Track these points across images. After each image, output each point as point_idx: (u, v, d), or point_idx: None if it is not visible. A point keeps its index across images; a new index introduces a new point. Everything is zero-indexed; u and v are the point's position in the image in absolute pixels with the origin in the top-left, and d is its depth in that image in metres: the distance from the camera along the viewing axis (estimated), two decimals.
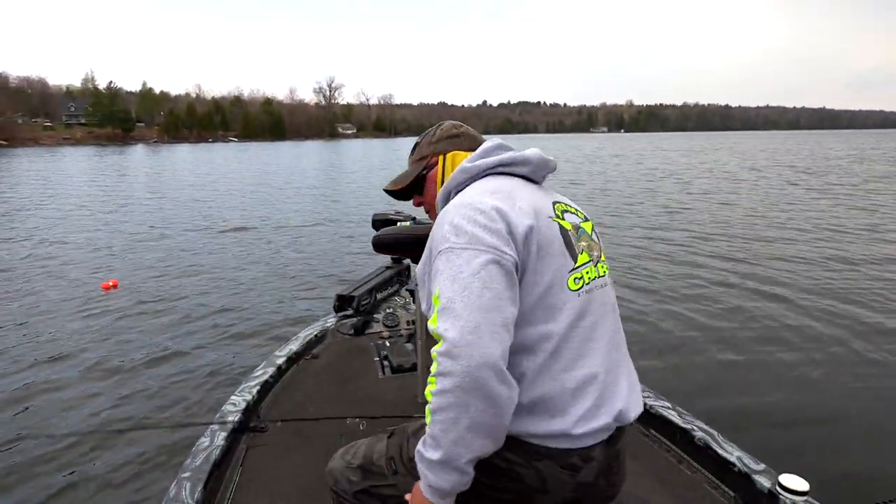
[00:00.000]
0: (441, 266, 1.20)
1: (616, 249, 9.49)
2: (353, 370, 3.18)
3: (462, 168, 1.42)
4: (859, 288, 7.10)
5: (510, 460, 1.23)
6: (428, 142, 1.60)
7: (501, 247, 1.20)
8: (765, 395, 4.33)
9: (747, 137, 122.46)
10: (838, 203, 15.00)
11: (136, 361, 5.08)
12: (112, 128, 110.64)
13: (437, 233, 1.28)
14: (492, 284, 1.15)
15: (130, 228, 12.38)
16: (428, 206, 1.61)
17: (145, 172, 31.11)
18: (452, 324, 1.11)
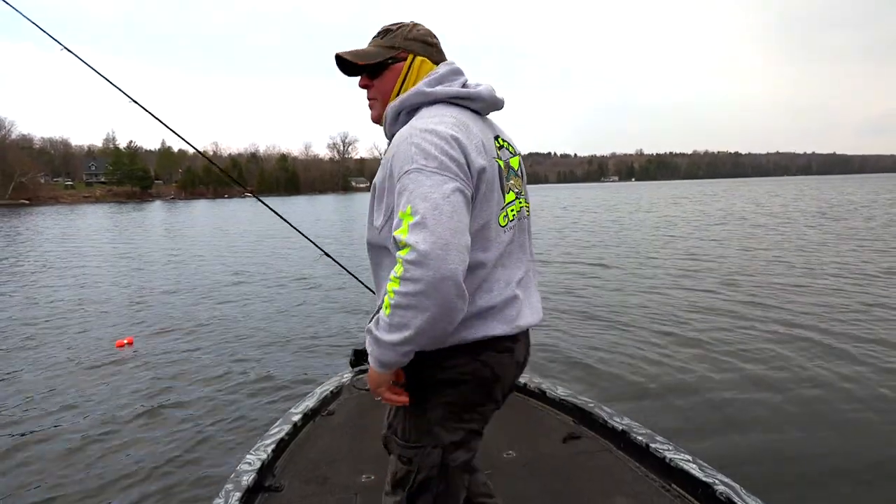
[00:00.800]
0: (411, 185, 1.33)
1: (646, 297, 9.34)
2: (368, 426, 3.14)
3: (420, 91, 1.51)
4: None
5: (459, 365, 1.49)
6: (403, 35, 1.60)
7: (465, 179, 1.39)
8: (791, 448, 4.13)
9: (759, 183, 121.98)
10: (863, 247, 14.77)
11: (148, 419, 4.98)
12: (131, 185, 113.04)
13: (401, 150, 1.39)
14: (459, 210, 1.33)
15: (146, 284, 12.39)
16: (377, 94, 1.62)
17: (161, 228, 31.40)
18: (424, 237, 1.26)
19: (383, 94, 1.61)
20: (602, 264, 13.31)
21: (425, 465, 1.54)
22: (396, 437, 1.59)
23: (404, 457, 1.57)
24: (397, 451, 1.59)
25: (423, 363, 1.47)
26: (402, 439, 1.57)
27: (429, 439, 1.54)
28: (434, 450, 1.54)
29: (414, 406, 1.53)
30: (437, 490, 1.57)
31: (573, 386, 4.98)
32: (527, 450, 2.84)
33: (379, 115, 1.64)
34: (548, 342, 6.72)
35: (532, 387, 3.47)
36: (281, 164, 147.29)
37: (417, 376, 1.52)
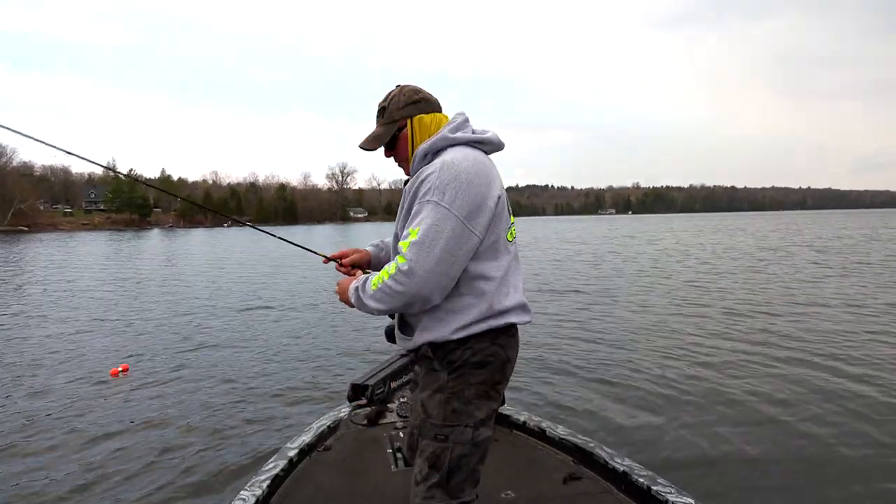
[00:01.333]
0: (424, 212, 1.74)
1: (648, 331, 9.33)
2: (365, 463, 3.12)
3: (444, 137, 1.89)
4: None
5: (484, 349, 1.85)
6: (396, 107, 1.97)
7: (477, 221, 1.78)
8: (796, 494, 4.06)
9: (756, 218, 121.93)
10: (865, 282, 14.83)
11: (137, 452, 4.84)
12: (130, 213, 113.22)
13: (429, 180, 1.78)
14: (457, 248, 1.74)
15: (142, 312, 12.27)
16: (400, 160, 2.03)
17: (160, 256, 31.23)
18: (418, 260, 1.70)
19: (404, 158, 2.01)
20: (603, 297, 13.22)
21: (460, 441, 1.81)
22: (432, 420, 1.84)
23: (441, 435, 1.81)
24: (434, 432, 1.82)
25: (458, 349, 1.84)
26: (440, 419, 1.82)
27: (464, 418, 1.82)
28: (467, 428, 1.82)
29: (452, 388, 1.83)
30: (468, 468, 1.83)
31: (573, 424, 4.92)
32: (526, 490, 2.81)
33: (409, 169, 1.99)
34: (547, 377, 6.72)
35: (531, 425, 3.42)
36: (279, 194, 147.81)
37: (452, 362, 1.85)
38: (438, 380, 1.86)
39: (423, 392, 1.90)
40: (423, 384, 1.93)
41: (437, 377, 1.87)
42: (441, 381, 1.85)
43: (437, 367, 1.88)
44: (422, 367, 1.98)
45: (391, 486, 2.86)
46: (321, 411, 4.17)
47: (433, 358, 1.88)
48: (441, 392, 1.84)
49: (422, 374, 1.97)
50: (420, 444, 1.87)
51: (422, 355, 1.92)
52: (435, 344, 1.86)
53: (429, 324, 1.86)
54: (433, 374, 1.89)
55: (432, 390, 1.86)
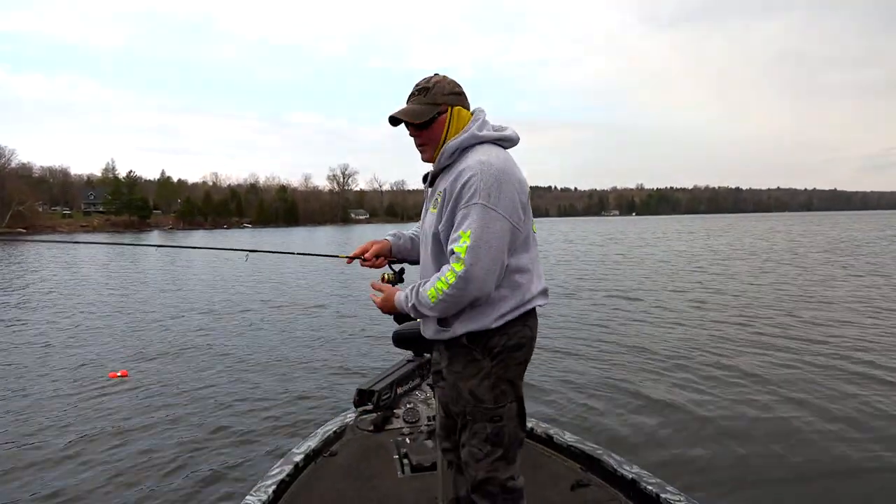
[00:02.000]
0: (475, 215, 1.84)
1: (658, 336, 8.89)
2: (371, 468, 3.08)
3: (473, 135, 1.99)
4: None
5: (519, 332, 2.00)
6: (442, 91, 2.03)
7: (518, 217, 1.93)
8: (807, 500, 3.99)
9: (764, 219, 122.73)
10: None
11: (141, 456, 4.80)
12: (129, 215, 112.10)
13: (472, 183, 1.87)
14: (504, 245, 1.88)
15: (144, 316, 12.03)
16: (427, 141, 2.06)
17: (160, 259, 30.67)
18: (476, 261, 1.82)
19: (434, 141, 2.05)
20: (611, 300, 13.03)
21: (510, 416, 2.01)
22: (485, 405, 1.98)
23: (496, 416, 1.98)
24: (489, 415, 1.98)
25: (496, 336, 1.97)
26: (492, 403, 1.98)
27: (509, 396, 2.01)
28: (512, 404, 2.02)
29: (497, 372, 1.98)
30: (518, 436, 2.05)
31: (581, 430, 4.87)
32: (533, 498, 2.59)
33: (431, 156, 2.07)
34: (555, 384, 6.58)
35: (539, 432, 3.39)
36: (280, 195, 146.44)
37: (492, 349, 1.98)
38: (483, 367, 1.98)
39: (469, 381, 1.99)
40: (464, 373, 2.01)
41: (479, 365, 1.98)
42: (486, 367, 1.98)
43: (477, 355, 1.99)
44: (455, 356, 2.03)
45: (397, 492, 2.85)
46: (327, 416, 4.17)
47: (472, 347, 1.99)
48: (488, 378, 1.98)
49: (458, 364, 2.03)
50: (473, 427, 2.00)
51: (457, 345, 2.01)
52: (473, 333, 1.96)
53: (469, 315, 1.95)
54: (475, 362, 1.99)
55: (480, 378, 1.98)
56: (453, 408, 2.09)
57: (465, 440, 2.05)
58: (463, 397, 2.02)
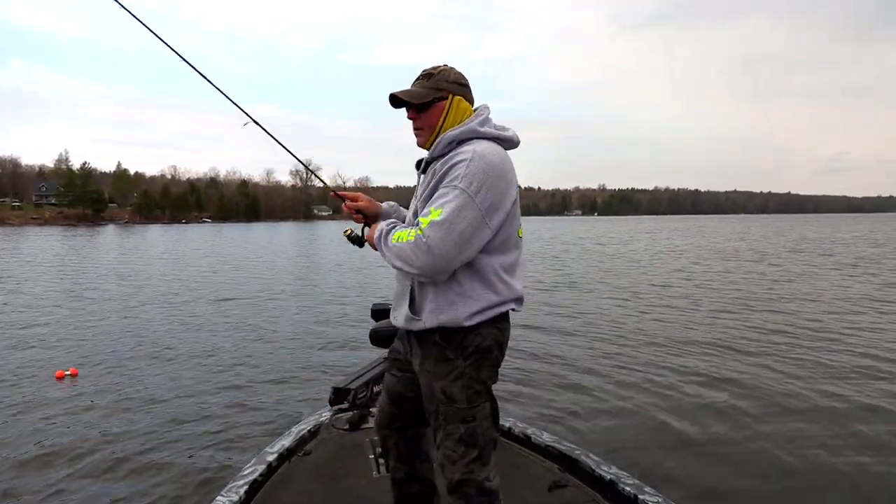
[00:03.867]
0: (451, 195, 1.80)
1: (637, 336, 8.67)
2: (346, 468, 3.03)
3: (473, 129, 1.95)
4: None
5: (491, 334, 1.96)
6: (445, 79, 2.00)
7: (494, 216, 1.85)
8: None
9: (724, 221, 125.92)
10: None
11: (98, 459, 4.51)
12: (83, 208, 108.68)
13: (460, 167, 1.84)
14: (471, 237, 1.81)
15: (96, 311, 11.29)
16: (424, 125, 2.02)
17: (114, 254, 29.56)
18: (436, 239, 1.77)
19: (430, 126, 2.01)
20: (587, 301, 12.78)
21: (483, 417, 1.96)
22: (458, 405, 1.94)
23: (469, 416, 1.94)
24: (462, 415, 1.94)
25: (470, 335, 1.94)
26: (465, 403, 1.94)
27: (483, 396, 1.97)
28: (485, 404, 1.98)
29: (470, 373, 1.94)
30: (492, 436, 2.00)
31: (558, 429, 4.88)
32: (511, 498, 2.60)
33: (425, 141, 2.04)
34: (534, 383, 6.50)
35: (517, 432, 3.35)
36: (241, 190, 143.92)
37: (465, 348, 1.94)
38: (456, 367, 1.94)
39: (442, 380, 1.95)
40: (437, 372, 1.96)
41: (453, 364, 1.94)
42: (459, 367, 1.93)
43: (450, 354, 1.94)
44: (429, 355, 1.99)
45: (373, 491, 2.81)
46: (301, 415, 4.02)
47: (445, 346, 1.94)
48: (461, 378, 1.93)
49: (430, 362, 1.99)
50: (447, 429, 1.95)
51: (430, 343, 1.97)
52: (447, 330, 1.93)
53: (440, 306, 1.91)
54: (448, 361, 1.94)
55: (452, 377, 1.94)
56: (427, 406, 2.04)
57: (439, 442, 2.00)
58: (436, 397, 1.97)
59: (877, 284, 14.80)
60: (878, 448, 4.67)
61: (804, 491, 4.05)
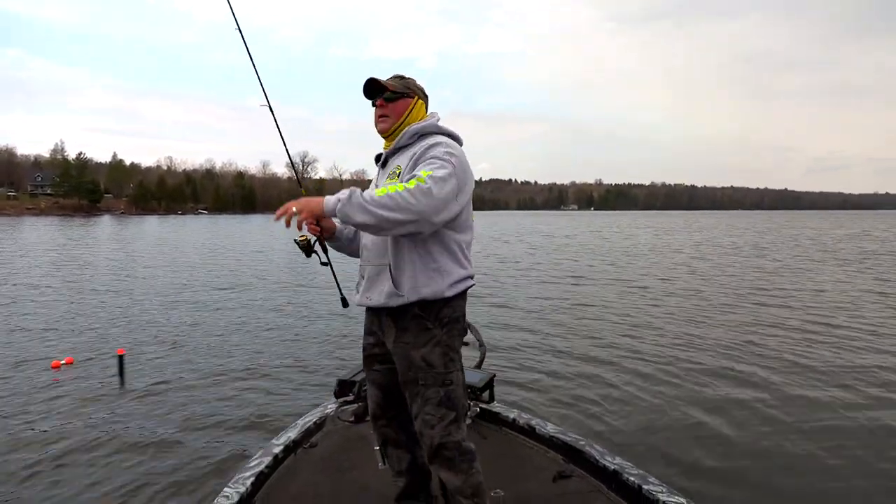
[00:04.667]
0: (443, 163, 2.01)
1: (639, 328, 8.45)
2: (352, 460, 3.06)
3: (435, 125, 2.24)
4: None
5: (458, 306, 2.21)
6: (415, 84, 2.32)
7: (460, 193, 2.05)
8: (785, 493, 3.98)
9: (722, 217, 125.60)
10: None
11: (101, 448, 4.56)
12: (79, 198, 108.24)
13: (440, 147, 2.09)
14: (451, 200, 2.00)
15: (94, 301, 11.33)
16: (390, 113, 2.24)
17: (111, 244, 29.56)
18: (437, 187, 1.94)
19: (396, 115, 2.25)
20: (591, 295, 12.75)
21: (457, 382, 2.18)
22: (436, 370, 2.13)
23: (447, 380, 2.14)
24: (441, 379, 2.13)
25: (445, 307, 2.15)
26: (443, 368, 2.14)
27: (456, 363, 2.20)
28: (458, 371, 2.20)
29: (446, 341, 2.16)
30: (465, 400, 2.23)
31: (563, 421, 4.89)
32: (516, 488, 2.75)
33: (388, 128, 2.26)
34: (535, 375, 6.53)
35: (521, 423, 3.36)
36: (237, 182, 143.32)
37: (441, 319, 2.15)
38: (434, 335, 2.14)
39: (421, 348, 2.13)
40: (416, 342, 2.13)
41: (431, 333, 2.14)
42: (437, 336, 2.14)
43: (430, 324, 2.14)
44: (406, 328, 2.15)
45: (378, 483, 2.79)
46: (307, 408, 4.12)
47: (425, 317, 2.13)
48: (439, 346, 2.14)
49: (410, 334, 2.15)
50: (426, 394, 2.13)
51: (408, 316, 2.14)
52: (425, 303, 2.12)
53: (421, 281, 2.11)
54: (427, 331, 2.14)
55: (431, 345, 2.13)
56: (404, 377, 2.18)
57: (416, 410, 2.16)
58: (415, 364, 2.13)
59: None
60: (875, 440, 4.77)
61: (810, 483, 4.10)
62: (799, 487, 4.04)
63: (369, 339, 2.36)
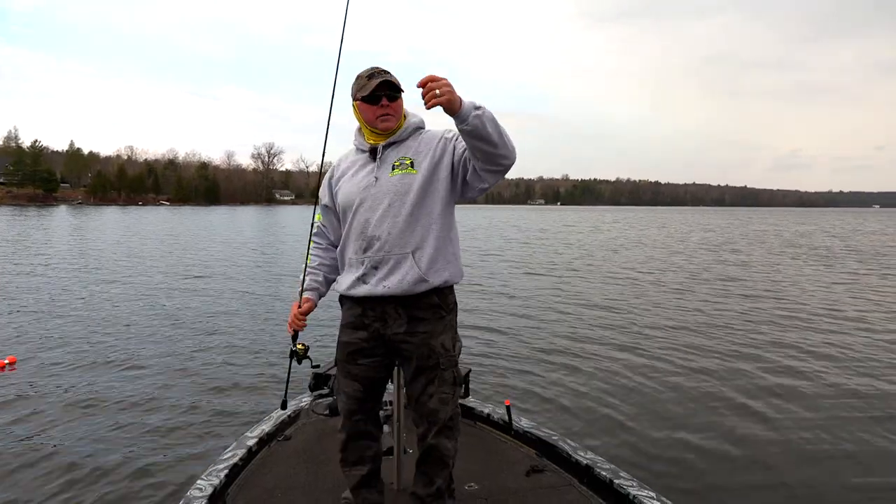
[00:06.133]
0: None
1: (611, 324, 8.58)
2: (326, 453, 3.04)
3: (422, 120, 2.38)
4: None
5: (455, 292, 2.37)
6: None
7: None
8: (754, 488, 4.03)
9: (685, 213, 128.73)
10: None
11: (70, 450, 4.38)
12: (33, 188, 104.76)
13: (441, 133, 2.31)
14: None
15: (41, 297, 10.87)
16: (394, 112, 2.26)
17: (67, 235, 28.72)
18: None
19: (398, 114, 2.29)
20: (568, 289, 12.90)
21: (459, 362, 2.40)
22: (451, 354, 2.30)
23: (456, 360, 2.33)
24: (453, 361, 2.31)
25: (451, 293, 2.33)
26: (454, 350, 2.32)
27: (459, 344, 2.39)
28: (460, 352, 2.40)
29: (454, 325, 2.35)
30: None
31: (536, 417, 4.89)
32: (489, 483, 2.80)
33: (391, 127, 2.28)
34: (510, 370, 6.54)
35: (495, 418, 3.40)
36: (201, 173, 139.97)
37: (449, 305, 2.32)
38: (447, 322, 2.30)
39: (441, 336, 2.26)
40: (434, 330, 2.25)
41: (445, 320, 2.29)
42: (448, 321, 2.31)
43: (443, 312, 2.29)
44: (421, 318, 2.24)
45: None
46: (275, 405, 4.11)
47: (440, 305, 2.27)
48: (451, 330, 2.32)
49: (428, 324, 2.24)
50: (443, 375, 2.27)
51: (424, 307, 2.24)
52: (440, 290, 2.25)
53: (443, 266, 2.25)
54: (442, 319, 2.28)
55: (447, 332, 2.29)
56: (423, 364, 2.25)
57: (433, 391, 2.26)
58: (436, 351, 2.25)
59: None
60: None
61: (785, 479, 4.15)
62: (768, 480, 4.14)
63: (360, 333, 2.30)
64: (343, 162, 2.41)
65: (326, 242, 2.48)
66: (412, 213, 2.20)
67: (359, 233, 2.26)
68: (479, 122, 1.92)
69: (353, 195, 2.27)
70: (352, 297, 2.30)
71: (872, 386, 6.00)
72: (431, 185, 2.23)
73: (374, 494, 2.48)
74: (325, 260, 2.47)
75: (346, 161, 2.40)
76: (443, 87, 1.86)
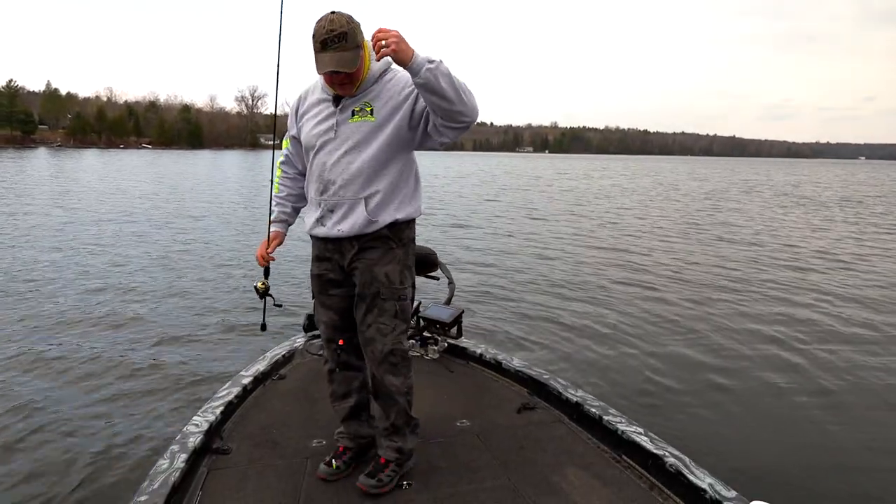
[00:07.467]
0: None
1: (605, 268, 8.61)
2: (320, 391, 3.00)
3: (388, 60, 2.16)
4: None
5: (413, 228, 2.41)
6: (357, 31, 2.08)
7: None
8: (738, 423, 4.18)
9: (673, 162, 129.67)
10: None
11: (80, 374, 4.61)
12: (10, 129, 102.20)
13: (409, 79, 2.06)
14: None
15: (32, 241, 10.58)
16: (353, 80, 2.16)
17: (47, 178, 27.95)
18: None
19: (357, 78, 2.18)
20: (560, 235, 12.72)
21: (409, 298, 2.40)
22: (395, 286, 2.30)
23: (402, 295, 2.34)
24: (398, 294, 2.31)
25: (407, 229, 2.34)
26: (399, 284, 2.32)
27: (409, 280, 2.38)
28: (410, 287, 2.41)
29: (403, 259, 2.34)
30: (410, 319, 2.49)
31: (528, 356, 4.92)
32: (480, 420, 2.86)
33: (351, 90, 2.21)
34: (500, 311, 6.59)
35: (487, 357, 3.46)
36: (183, 116, 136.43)
37: (402, 239, 2.33)
38: (396, 255, 2.31)
39: (385, 266, 2.29)
40: (381, 260, 2.28)
41: (394, 253, 2.31)
42: (398, 255, 2.32)
43: (393, 245, 2.31)
44: (370, 247, 2.28)
45: None
46: (276, 341, 4.02)
47: (389, 238, 2.29)
48: (398, 263, 2.32)
49: (375, 252, 2.28)
50: (383, 306, 2.29)
51: (374, 237, 2.27)
52: (394, 224, 2.28)
53: (397, 206, 2.28)
54: (391, 251, 2.30)
55: (393, 263, 2.30)
56: (363, 290, 2.30)
57: (371, 320, 2.30)
58: (378, 280, 2.28)
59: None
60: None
61: (773, 412, 4.28)
62: (754, 415, 4.26)
63: (325, 265, 2.38)
64: (310, 96, 2.38)
65: (294, 171, 2.53)
66: (367, 161, 2.21)
67: (317, 175, 2.31)
68: (430, 75, 1.93)
69: (314, 138, 2.30)
70: (313, 236, 2.39)
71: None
72: (389, 133, 2.20)
73: (364, 428, 2.54)
74: (293, 189, 2.54)
75: (313, 96, 2.36)
76: (390, 38, 1.90)
